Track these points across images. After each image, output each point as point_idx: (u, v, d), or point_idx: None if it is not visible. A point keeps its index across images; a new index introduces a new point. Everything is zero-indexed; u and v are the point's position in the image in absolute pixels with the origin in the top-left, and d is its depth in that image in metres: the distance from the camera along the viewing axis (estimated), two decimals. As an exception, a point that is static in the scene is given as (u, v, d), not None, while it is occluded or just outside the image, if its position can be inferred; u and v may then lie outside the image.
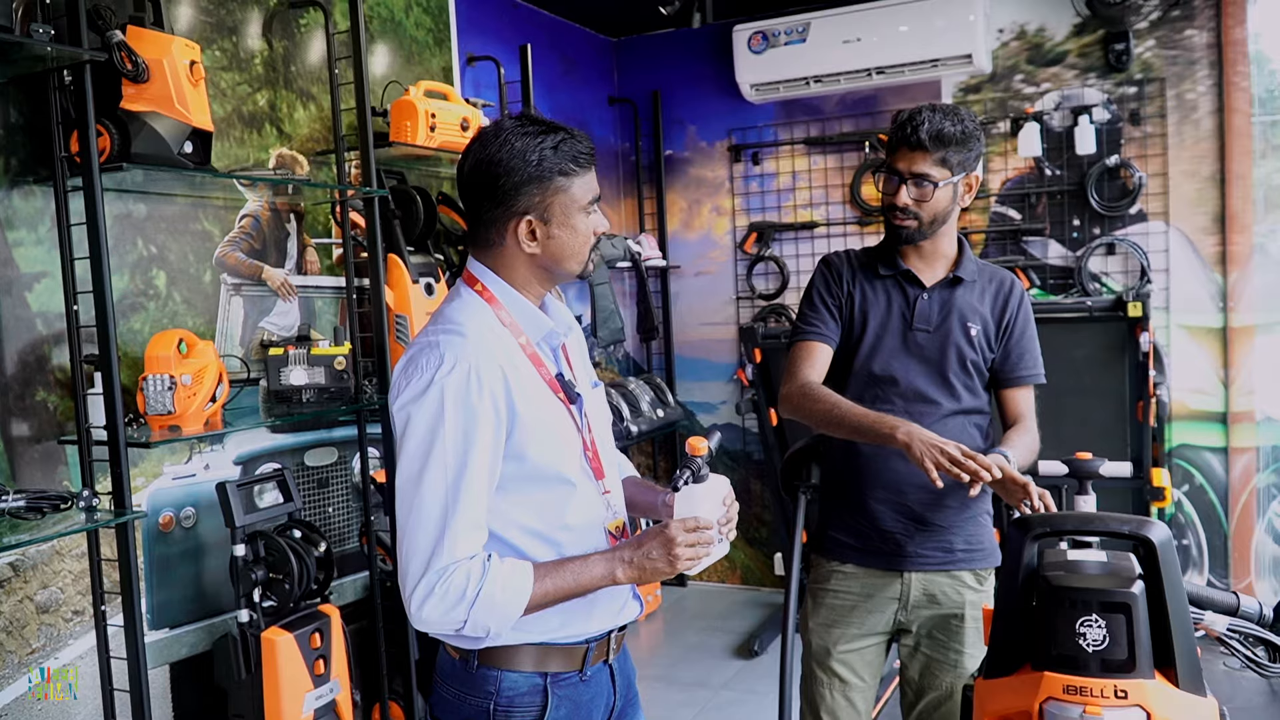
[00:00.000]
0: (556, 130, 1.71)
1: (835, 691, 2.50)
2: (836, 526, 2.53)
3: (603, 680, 1.83)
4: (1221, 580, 4.55)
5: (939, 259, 2.47)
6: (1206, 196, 4.49)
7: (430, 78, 4.06)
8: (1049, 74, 4.74)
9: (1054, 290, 4.73)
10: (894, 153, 2.38)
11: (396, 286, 3.51)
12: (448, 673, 1.79)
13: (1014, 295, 2.48)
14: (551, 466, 1.73)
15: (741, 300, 5.55)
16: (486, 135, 1.72)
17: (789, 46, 4.96)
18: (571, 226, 1.73)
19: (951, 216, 2.42)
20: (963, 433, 2.43)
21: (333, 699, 2.96)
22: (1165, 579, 1.76)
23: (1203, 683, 1.78)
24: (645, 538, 1.69)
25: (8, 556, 2.58)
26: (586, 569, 1.68)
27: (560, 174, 1.70)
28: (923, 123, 2.31)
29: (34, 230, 2.68)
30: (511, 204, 1.70)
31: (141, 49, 2.60)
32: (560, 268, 1.76)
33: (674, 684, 4.38)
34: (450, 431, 1.61)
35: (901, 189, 2.36)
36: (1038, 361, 2.49)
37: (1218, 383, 4.52)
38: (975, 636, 2.42)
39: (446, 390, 1.62)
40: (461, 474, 1.61)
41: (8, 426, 2.62)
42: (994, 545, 2.50)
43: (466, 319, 1.71)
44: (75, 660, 2.75)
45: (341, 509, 3.62)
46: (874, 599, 2.48)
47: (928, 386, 2.43)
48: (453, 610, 1.59)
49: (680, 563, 1.67)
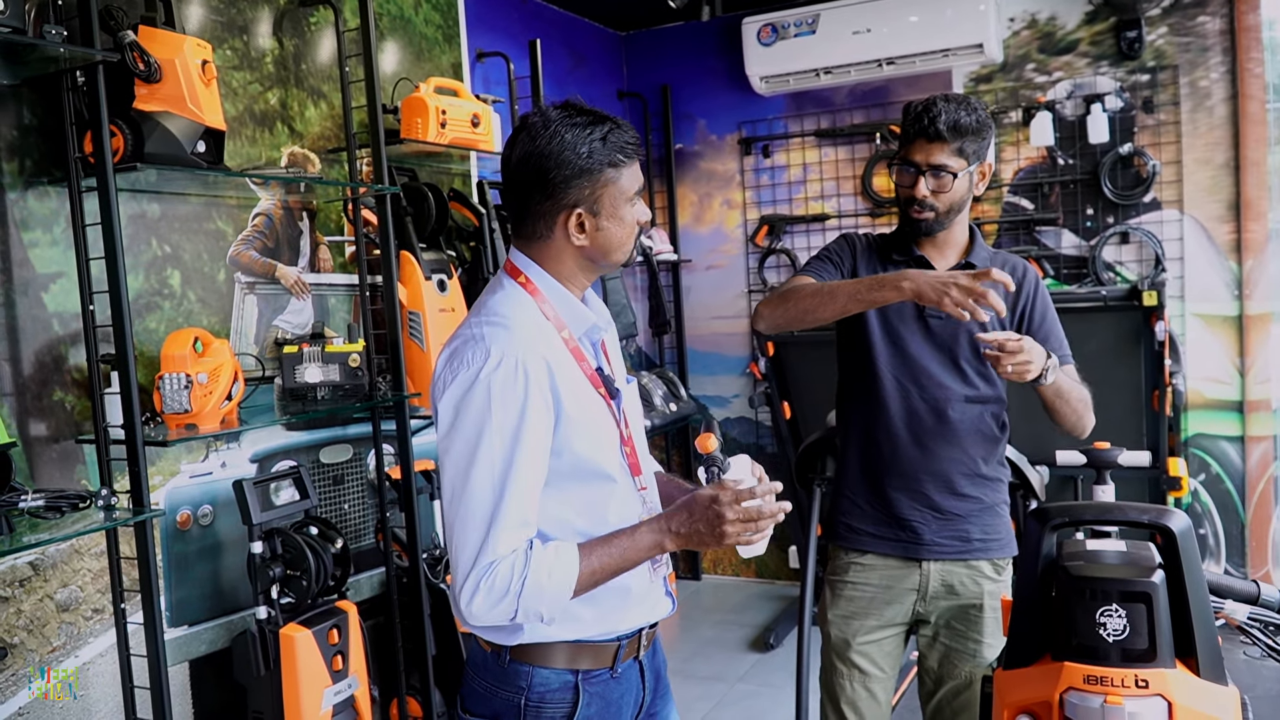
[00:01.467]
0: (604, 121, 1.70)
1: (855, 683, 2.51)
2: (854, 516, 2.53)
3: (633, 677, 1.83)
4: (1239, 569, 4.53)
5: (951, 247, 2.48)
6: (1221, 184, 4.47)
7: (440, 74, 4.06)
8: (1061, 63, 4.72)
9: (1068, 280, 4.71)
10: (909, 145, 2.38)
11: (409, 283, 3.52)
12: (479, 665, 1.79)
13: (1027, 281, 2.47)
14: (594, 461, 1.72)
15: (753, 293, 5.54)
16: (534, 127, 1.69)
17: (798, 38, 4.95)
18: (619, 218, 1.72)
19: (966, 205, 2.43)
20: (980, 420, 2.44)
21: (351, 694, 2.97)
22: (1185, 568, 1.76)
23: (1224, 671, 1.77)
24: (694, 506, 1.65)
25: (28, 555, 2.60)
26: (634, 541, 1.66)
27: (610, 166, 1.69)
28: (939, 114, 2.31)
29: (49, 231, 2.69)
30: (561, 197, 1.68)
31: (153, 49, 2.60)
32: (607, 259, 1.75)
33: (690, 678, 4.38)
34: (497, 427, 1.60)
35: (919, 181, 2.35)
36: (1063, 343, 2.46)
37: (1234, 371, 4.50)
38: (994, 626, 2.42)
39: (493, 385, 1.60)
40: (509, 469, 1.60)
41: (26, 426, 2.63)
42: (1011, 535, 2.50)
43: (511, 311, 1.70)
44: (95, 657, 2.77)
45: (357, 505, 3.63)
46: (893, 590, 2.48)
47: (941, 373, 2.43)
48: (500, 604, 1.58)
49: (727, 536, 1.63)
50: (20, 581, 2.60)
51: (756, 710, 4.06)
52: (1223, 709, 1.72)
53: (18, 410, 2.62)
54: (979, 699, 2.33)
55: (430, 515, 3.69)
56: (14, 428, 2.59)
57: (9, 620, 2.57)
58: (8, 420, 2.57)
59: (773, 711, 4.01)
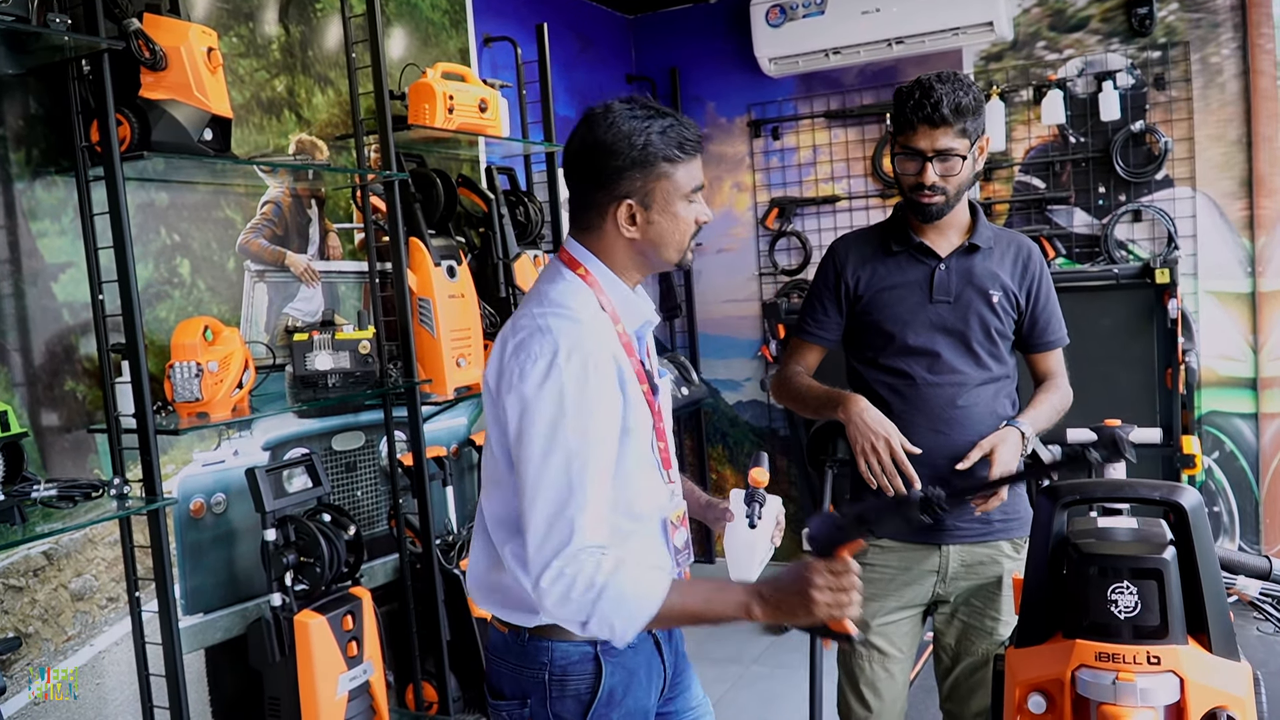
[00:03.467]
0: (665, 115, 1.70)
1: (874, 663, 2.50)
2: (871, 500, 2.53)
3: (648, 648, 1.83)
4: (1253, 546, 4.51)
5: (953, 228, 2.45)
6: (1233, 160, 4.43)
7: (447, 59, 4.05)
8: (1071, 40, 4.69)
9: (1080, 259, 4.68)
10: (912, 132, 2.33)
11: (419, 270, 3.51)
12: (500, 648, 1.80)
13: (1033, 260, 2.46)
14: (636, 454, 1.73)
15: (764, 276, 5.52)
16: (595, 117, 1.70)
17: (807, 19, 4.92)
18: (672, 213, 1.71)
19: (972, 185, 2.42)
20: (994, 401, 2.43)
21: (366, 680, 2.98)
22: (1197, 544, 1.75)
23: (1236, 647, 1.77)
24: (785, 575, 1.63)
25: (42, 545, 2.61)
26: (722, 596, 1.62)
27: (665, 160, 1.69)
28: (940, 98, 2.27)
29: (57, 221, 2.70)
30: (614, 188, 1.69)
31: (159, 37, 2.60)
32: (659, 255, 1.75)
33: (705, 660, 4.39)
34: (573, 419, 1.59)
35: (927, 168, 2.32)
36: (1062, 324, 2.50)
37: (1247, 348, 4.47)
38: (1011, 604, 2.40)
39: (566, 377, 1.60)
40: (586, 461, 1.59)
41: (37, 417, 2.65)
42: (1030, 514, 2.48)
43: (576, 304, 1.70)
44: (110, 646, 2.79)
45: (370, 493, 3.64)
46: (912, 572, 2.48)
47: (954, 358, 2.42)
48: (581, 596, 1.55)
49: (819, 607, 1.57)
50: (34, 571, 2.62)
51: (771, 692, 4.06)
52: (1235, 685, 1.71)
53: (29, 400, 2.63)
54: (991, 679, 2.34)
55: (443, 501, 3.70)
56: (26, 418, 2.60)
57: (24, 609, 2.59)
58: (19, 411, 2.58)
59: (787, 693, 4.01)
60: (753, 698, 4.03)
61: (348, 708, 2.91)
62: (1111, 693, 1.70)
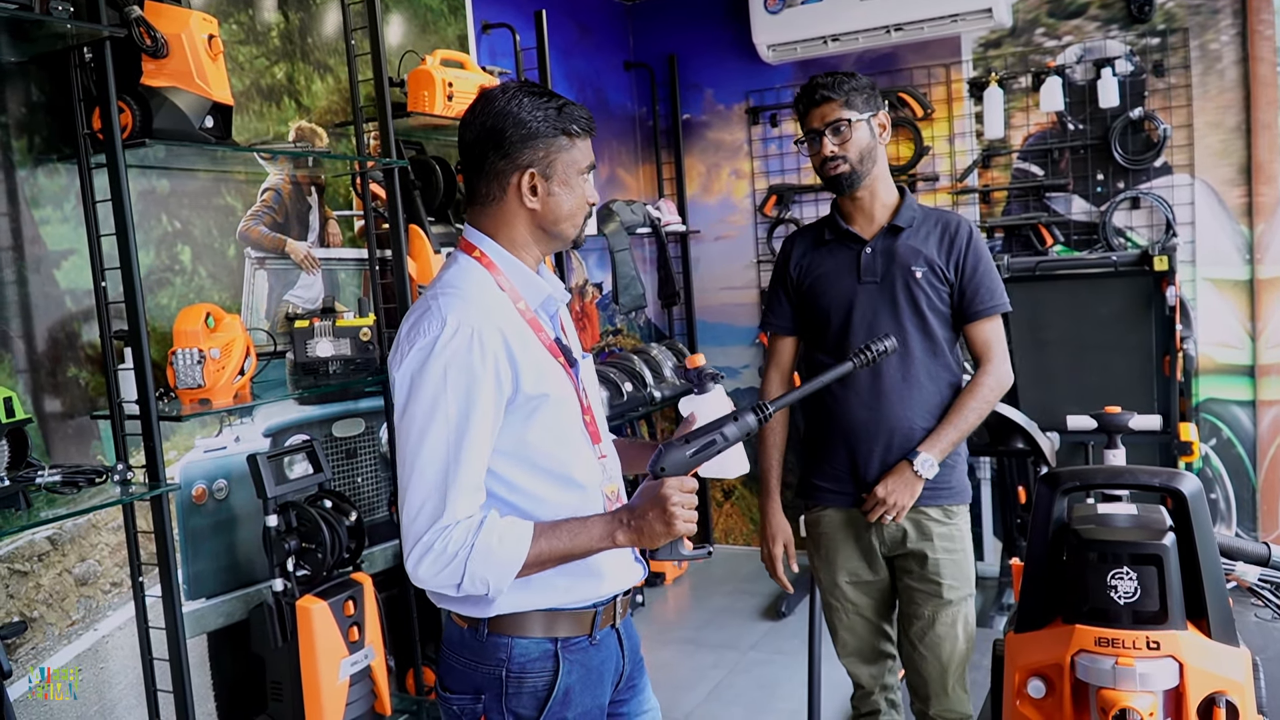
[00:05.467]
0: (560, 98, 1.77)
1: (849, 613, 2.72)
2: (814, 473, 2.71)
3: (611, 644, 1.85)
4: (1250, 534, 4.53)
5: (879, 211, 2.62)
6: (1232, 148, 4.44)
7: (446, 46, 4.05)
8: (1070, 27, 4.69)
9: (1078, 246, 4.69)
10: (806, 117, 2.57)
11: (419, 257, 3.52)
12: (456, 643, 1.81)
13: (960, 233, 2.58)
14: (563, 422, 1.76)
15: (762, 263, 5.53)
16: (494, 93, 1.76)
17: (806, 5, 4.92)
18: (570, 186, 1.76)
19: (880, 156, 2.59)
20: (929, 378, 2.55)
21: (367, 665, 2.99)
22: (1196, 530, 1.76)
23: (1235, 633, 1.78)
24: (641, 499, 1.69)
25: (46, 530, 2.62)
26: (585, 530, 1.68)
27: (564, 133, 1.75)
28: (819, 83, 2.53)
29: (60, 208, 2.70)
30: (516, 156, 1.73)
31: (160, 24, 2.60)
32: (556, 228, 1.78)
33: (702, 646, 4.41)
34: (452, 395, 1.63)
35: (824, 141, 2.53)
36: (994, 294, 2.58)
37: (1245, 336, 4.49)
38: (952, 568, 2.58)
39: (449, 353, 1.63)
40: (463, 436, 1.62)
41: (41, 403, 2.65)
42: (963, 484, 2.64)
43: (465, 283, 1.73)
44: (114, 630, 2.80)
45: (370, 479, 3.65)
46: (856, 533, 2.65)
47: (891, 327, 2.53)
48: (448, 566, 1.61)
49: (678, 523, 1.65)
50: (39, 556, 2.63)
51: (769, 678, 4.08)
52: (1234, 670, 1.73)
53: (33, 387, 2.64)
54: (948, 637, 2.55)
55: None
56: (29, 404, 2.61)
57: (29, 594, 2.60)
58: (23, 397, 2.59)
59: (785, 679, 4.03)
60: (750, 683, 4.05)
61: (349, 692, 2.93)
62: (1111, 677, 1.72)
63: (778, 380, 2.79)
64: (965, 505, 2.63)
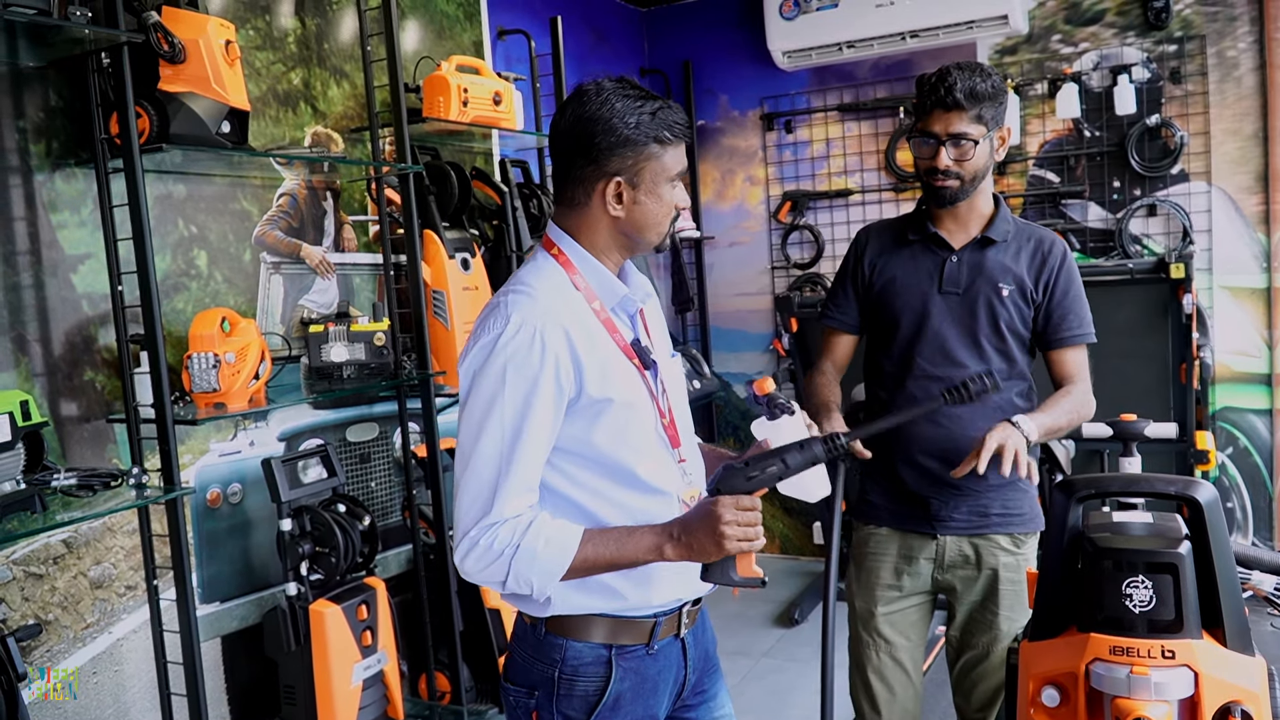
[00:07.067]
0: (655, 98, 1.72)
1: (881, 652, 2.53)
2: (871, 491, 2.56)
3: (672, 654, 1.83)
4: (1266, 543, 4.50)
5: (974, 220, 2.45)
6: (1249, 155, 4.42)
7: (461, 52, 4.06)
8: (1087, 33, 4.67)
9: (1095, 253, 4.67)
10: (927, 116, 2.37)
11: (433, 262, 3.53)
12: (520, 636, 1.82)
13: (1054, 254, 2.43)
14: (626, 432, 1.72)
15: (776, 270, 5.52)
16: (587, 93, 1.71)
17: (821, 12, 4.92)
18: (657, 195, 1.72)
19: (989, 173, 2.41)
20: (1001, 399, 2.39)
21: (380, 669, 3.00)
22: (1212, 539, 1.75)
23: (1251, 642, 1.77)
24: (693, 514, 1.65)
25: (62, 533, 2.64)
26: (633, 539, 1.65)
27: (655, 141, 1.69)
28: (955, 82, 2.31)
29: (77, 212, 2.71)
30: (604, 163, 1.69)
31: (177, 29, 2.61)
32: (640, 236, 1.75)
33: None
34: (509, 394, 1.62)
35: (940, 151, 2.34)
36: (1083, 321, 2.44)
37: (1261, 344, 4.46)
38: (1012, 599, 2.43)
39: (510, 352, 1.63)
40: (518, 435, 1.62)
41: (57, 406, 2.67)
42: (1036, 511, 2.49)
43: (537, 281, 1.72)
44: (128, 634, 2.81)
45: (384, 484, 3.66)
46: (911, 560, 2.50)
47: (959, 351, 2.42)
48: (494, 563, 1.61)
49: (728, 542, 1.59)
50: (54, 559, 2.64)
51: (782, 685, 4.07)
52: (1250, 679, 1.72)
53: (49, 390, 2.65)
54: (998, 670, 2.37)
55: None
56: (46, 408, 2.62)
57: (44, 597, 2.61)
58: (39, 400, 2.60)
59: (798, 686, 4.02)
60: (763, 691, 4.04)
61: (362, 696, 2.94)
62: (1126, 686, 1.71)
63: (830, 373, 2.56)
64: (1035, 535, 2.48)
